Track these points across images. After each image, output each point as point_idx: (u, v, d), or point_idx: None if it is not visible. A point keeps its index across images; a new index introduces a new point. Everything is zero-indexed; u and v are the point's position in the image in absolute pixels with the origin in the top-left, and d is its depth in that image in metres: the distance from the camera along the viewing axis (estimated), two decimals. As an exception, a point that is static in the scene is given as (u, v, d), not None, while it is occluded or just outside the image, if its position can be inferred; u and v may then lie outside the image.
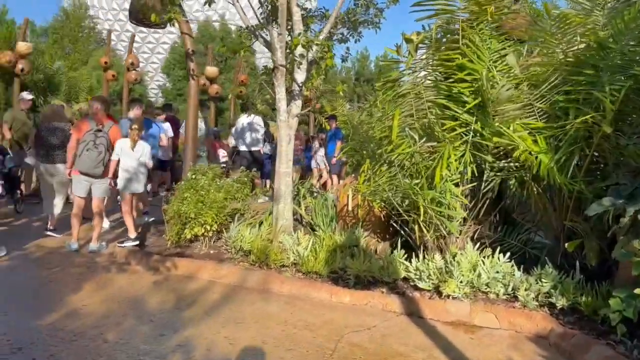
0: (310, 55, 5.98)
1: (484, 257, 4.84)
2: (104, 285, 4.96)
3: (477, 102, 4.82)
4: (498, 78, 4.87)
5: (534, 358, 3.75)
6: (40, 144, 7.14)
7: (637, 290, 3.64)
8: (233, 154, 11.19)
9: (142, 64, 39.92)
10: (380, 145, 5.24)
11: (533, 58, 5.37)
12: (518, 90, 4.92)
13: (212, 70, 15.79)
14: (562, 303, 4.29)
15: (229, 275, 5.21)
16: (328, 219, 6.30)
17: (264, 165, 10.67)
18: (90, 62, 25.73)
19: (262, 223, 6.18)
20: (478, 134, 4.88)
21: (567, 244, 4.49)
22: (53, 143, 6.98)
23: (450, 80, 5.12)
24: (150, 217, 7.58)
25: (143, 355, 3.48)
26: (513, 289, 4.55)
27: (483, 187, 5.13)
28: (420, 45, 5.34)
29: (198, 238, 6.03)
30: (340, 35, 7.34)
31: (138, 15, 7.86)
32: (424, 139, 5.02)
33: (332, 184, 10.87)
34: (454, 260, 4.77)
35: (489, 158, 4.98)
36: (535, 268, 4.66)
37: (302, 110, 6.15)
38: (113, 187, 6.59)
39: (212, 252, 5.89)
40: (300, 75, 5.96)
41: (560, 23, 4.80)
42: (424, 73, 5.46)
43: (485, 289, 4.63)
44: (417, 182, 4.90)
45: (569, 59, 4.81)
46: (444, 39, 5.50)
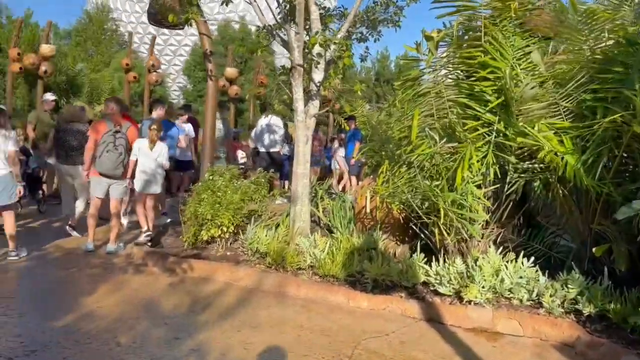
0: (328, 55, 5.88)
1: (507, 261, 4.68)
2: (120, 287, 4.94)
3: (500, 101, 4.67)
4: (522, 76, 4.72)
5: (560, 368, 3.60)
6: (59, 145, 7.19)
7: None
8: (253, 155, 11.16)
9: (164, 66, 40.34)
10: (400, 146, 5.12)
11: (558, 55, 5.20)
12: (543, 89, 4.76)
13: (231, 72, 15.83)
14: (589, 310, 4.11)
15: (245, 278, 5.15)
16: (346, 221, 6.20)
17: (283, 166, 10.62)
18: (112, 64, 26.01)
19: (279, 225, 6.10)
20: (501, 134, 4.73)
21: (594, 249, 4.31)
22: (72, 144, 7.01)
23: (472, 79, 4.98)
24: (169, 218, 7.57)
25: (156, 360, 3.43)
26: (537, 295, 4.38)
27: (506, 189, 4.97)
28: (441, 43, 5.21)
29: (215, 239, 5.98)
30: (359, 35, 7.23)
31: (157, 17, 7.85)
32: (445, 140, 4.88)
33: (350, 185, 10.76)
34: (476, 265, 4.62)
35: (513, 159, 4.82)
36: (561, 273, 4.49)
37: (319, 111, 6.06)
38: (131, 187, 6.59)
39: (228, 253, 5.83)
40: (318, 75, 5.87)
41: (588, 19, 4.64)
42: (445, 71, 5.32)
43: (509, 295, 4.48)
44: (437, 183, 4.77)
45: (597, 56, 4.62)
46: (466, 37, 5.35)
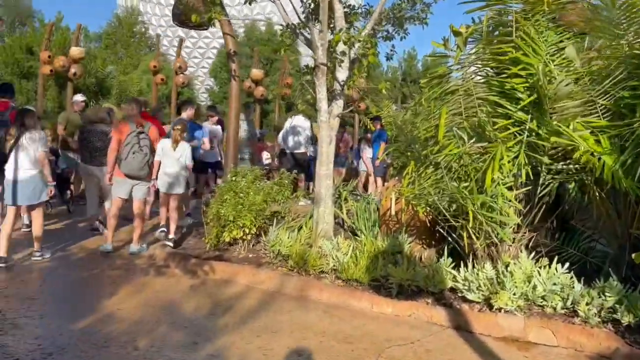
0: (353, 53, 5.75)
1: (540, 267, 4.46)
2: (141, 289, 4.89)
3: (532, 98, 4.45)
4: (556, 73, 4.50)
5: (598, 382, 3.38)
6: (84, 146, 7.22)
7: None
8: (280, 157, 11.08)
9: (192, 69, 40.82)
10: (426, 146, 4.94)
11: (594, 51, 4.95)
12: (578, 86, 4.53)
13: (257, 73, 15.82)
14: (628, 319, 3.87)
15: (267, 281, 5.04)
16: (370, 224, 6.05)
17: (308, 167, 10.49)
18: (141, 66, 26.36)
19: (301, 227, 5.98)
20: (534, 134, 4.52)
21: (633, 255, 4.02)
22: (96, 145, 7.02)
23: (503, 76, 4.76)
24: (192, 219, 7.53)
25: (173, 365, 3.34)
26: (572, 303, 4.15)
27: (539, 191, 4.75)
28: (469, 40, 5.00)
29: (237, 241, 5.90)
30: (385, 33, 7.07)
31: (181, 17, 7.84)
32: (474, 139, 4.68)
33: (376, 187, 10.57)
34: (507, 271, 4.41)
35: (546, 159, 4.59)
36: (598, 280, 4.25)
37: (344, 111, 5.92)
38: (155, 188, 6.59)
39: (250, 256, 5.74)
40: (342, 74, 5.73)
41: (626, 12, 4.40)
42: (473, 68, 5.12)
43: (541, 303, 4.26)
44: (465, 185, 4.57)
45: (636, 51, 4.37)
46: (496, 32, 5.14)
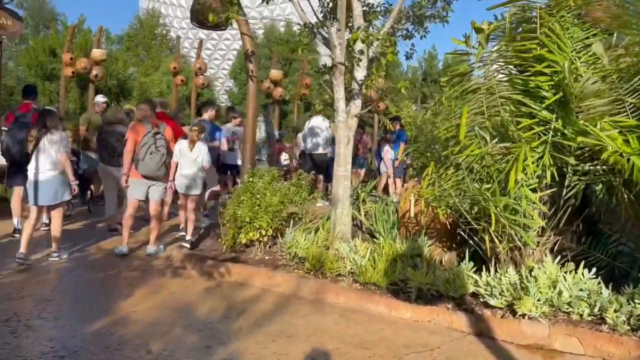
0: (371, 52, 5.63)
1: (566, 272, 4.29)
2: (157, 291, 4.85)
3: (557, 97, 4.29)
4: (582, 70, 4.34)
5: (628, 394, 3.21)
6: (102, 147, 7.24)
7: None
8: (301, 157, 11.01)
9: (213, 70, 41.04)
10: (446, 147, 4.80)
11: (622, 48, 4.75)
12: (606, 84, 4.35)
13: (276, 74, 15.79)
14: (659, 328, 3.69)
15: (283, 284, 4.96)
16: (389, 226, 5.92)
17: (328, 168, 10.38)
18: (162, 68, 26.58)
19: (318, 229, 5.89)
20: (559, 133, 4.35)
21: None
22: (114, 146, 7.03)
23: (527, 74, 4.60)
24: (210, 219, 7.50)
25: (185, 370, 3.28)
26: (600, 310, 3.98)
27: (564, 192, 4.57)
28: (491, 37, 4.86)
29: (253, 243, 5.83)
30: (405, 31, 6.93)
31: (199, 17, 7.83)
32: (496, 139, 4.52)
33: (395, 188, 10.42)
34: (531, 275, 4.25)
35: (572, 160, 4.41)
36: (626, 286, 4.07)
37: (362, 111, 5.81)
38: (172, 189, 6.57)
39: (267, 257, 5.67)
40: (360, 73, 5.62)
41: (658, 6, 4.20)
42: (496, 66, 4.96)
43: (567, 309, 4.09)
44: (487, 187, 4.42)
45: (667, 48, 4.18)
46: (519, 29, 4.98)
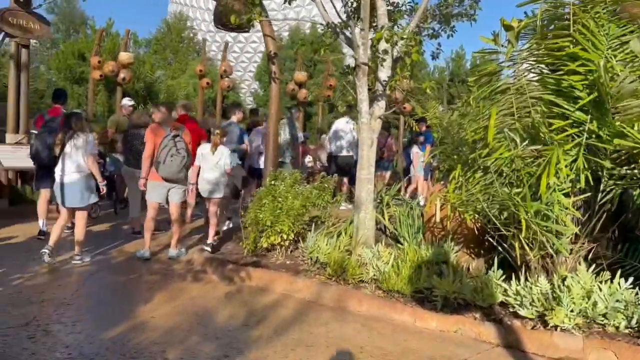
0: (395, 52, 5.48)
1: (601, 281, 4.08)
2: (176, 296, 4.79)
3: (592, 97, 4.07)
4: (618, 69, 4.10)
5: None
6: (128, 149, 7.27)
7: None
8: (328, 160, 10.88)
9: (239, 73, 41.29)
10: (474, 149, 4.62)
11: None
12: (645, 83, 4.10)
13: (301, 75, 15.73)
14: (703, 343, 3.45)
15: (304, 290, 4.84)
16: (413, 230, 5.75)
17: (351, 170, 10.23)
18: (188, 70, 26.82)
19: (341, 233, 5.75)
20: (594, 135, 4.13)
21: None
22: (139, 148, 7.01)
23: (559, 73, 4.39)
24: (231, 222, 7.45)
25: (202, 380, 3.18)
26: (638, 322, 3.77)
27: (599, 197, 4.34)
28: (521, 35, 4.64)
29: (274, 247, 5.73)
30: (431, 31, 6.75)
31: (222, 20, 7.81)
32: (527, 142, 4.31)
33: (421, 191, 10.20)
34: (563, 285, 4.04)
35: (608, 164, 4.18)
36: (668, 297, 3.84)
37: (386, 112, 5.65)
38: (194, 192, 6.55)
39: (288, 262, 5.56)
40: (384, 73, 5.47)
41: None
42: (526, 65, 4.75)
43: (602, 321, 3.88)
44: (517, 191, 4.22)
45: None
46: (551, 26, 4.77)
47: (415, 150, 10.54)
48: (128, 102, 9.52)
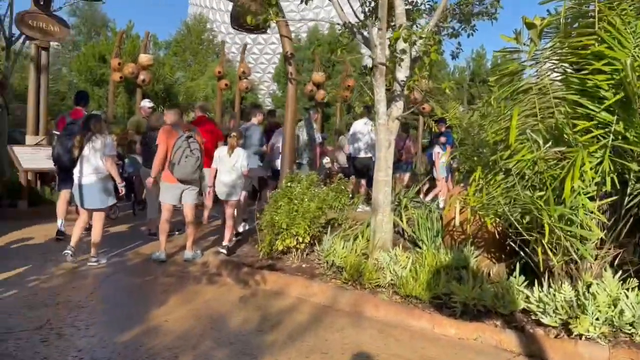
0: (414, 51, 5.37)
1: (628, 289, 3.92)
2: (191, 299, 4.75)
3: (618, 97, 3.91)
4: (647, 68, 3.93)
5: None
6: (145, 151, 7.28)
7: None
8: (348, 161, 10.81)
9: (259, 74, 41.39)
10: (495, 151, 4.48)
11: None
12: (675, 82, 3.93)
13: (318, 76, 15.66)
14: None
15: (319, 294, 4.76)
16: (432, 234, 5.63)
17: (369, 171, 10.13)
18: (207, 72, 26.99)
19: (357, 236, 5.65)
20: (620, 137, 3.97)
21: None
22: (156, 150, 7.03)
23: (584, 72, 4.23)
24: (247, 225, 7.40)
25: (214, 386, 3.12)
26: (667, 332, 3.60)
27: (626, 201, 4.18)
28: (544, 33, 4.49)
29: (290, 250, 5.66)
30: (451, 30, 6.63)
31: (239, 20, 7.77)
32: (550, 143, 4.17)
33: (441, 193, 10.04)
34: (588, 292, 3.90)
35: (635, 166, 4.01)
36: (700, 306, 3.66)
37: (404, 113, 5.55)
38: (211, 194, 6.53)
39: (304, 265, 5.49)
40: (402, 74, 5.37)
41: None
42: (549, 64, 4.60)
43: (629, 330, 3.72)
44: (540, 195, 4.07)
45: None
46: (575, 24, 4.61)
47: (437, 151, 10.35)
48: (147, 103, 9.56)
